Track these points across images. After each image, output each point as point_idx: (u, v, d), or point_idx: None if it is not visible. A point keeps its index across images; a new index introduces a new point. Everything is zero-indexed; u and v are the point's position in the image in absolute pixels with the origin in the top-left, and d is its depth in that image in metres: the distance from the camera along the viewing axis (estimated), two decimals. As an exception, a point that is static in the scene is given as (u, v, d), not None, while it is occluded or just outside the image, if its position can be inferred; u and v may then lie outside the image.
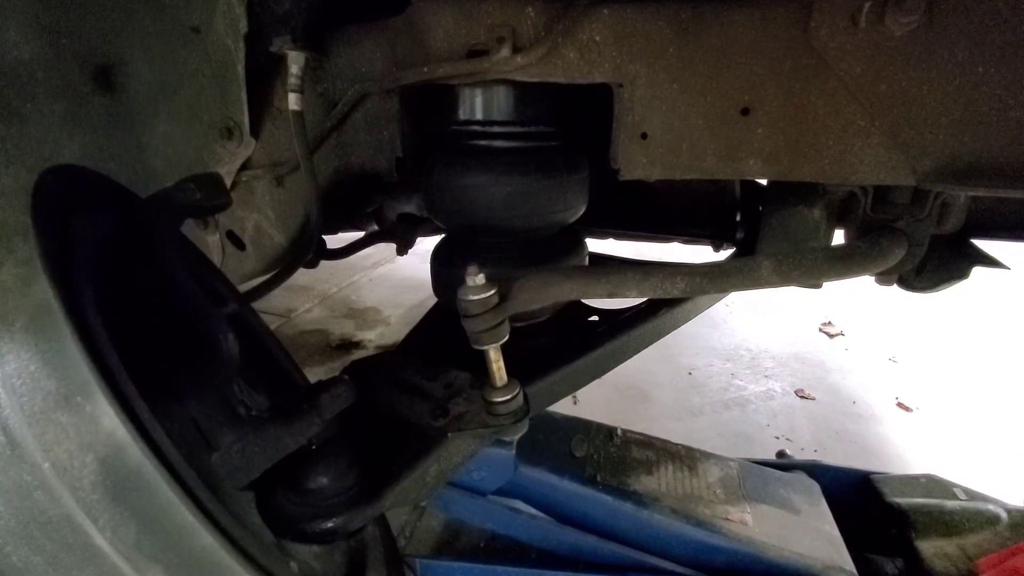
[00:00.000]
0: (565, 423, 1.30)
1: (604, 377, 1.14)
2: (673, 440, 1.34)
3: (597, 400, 2.22)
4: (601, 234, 1.59)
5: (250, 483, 0.68)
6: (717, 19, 0.83)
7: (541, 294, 0.81)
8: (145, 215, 0.68)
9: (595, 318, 1.29)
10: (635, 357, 1.16)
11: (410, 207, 1.36)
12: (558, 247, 1.15)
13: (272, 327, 1.20)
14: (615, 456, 1.23)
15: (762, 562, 1.07)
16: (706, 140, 0.90)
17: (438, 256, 1.18)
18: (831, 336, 2.90)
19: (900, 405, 2.31)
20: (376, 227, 1.35)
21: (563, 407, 1.27)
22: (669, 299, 1.15)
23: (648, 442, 1.31)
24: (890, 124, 0.80)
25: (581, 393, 2.13)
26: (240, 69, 0.92)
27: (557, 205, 1.05)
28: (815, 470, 1.39)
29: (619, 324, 1.15)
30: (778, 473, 1.31)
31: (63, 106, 0.64)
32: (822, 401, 2.32)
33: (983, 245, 1.05)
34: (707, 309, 1.30)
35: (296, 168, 1.03)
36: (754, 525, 1.13)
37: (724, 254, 1.43)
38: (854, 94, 0.80)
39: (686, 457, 1.29)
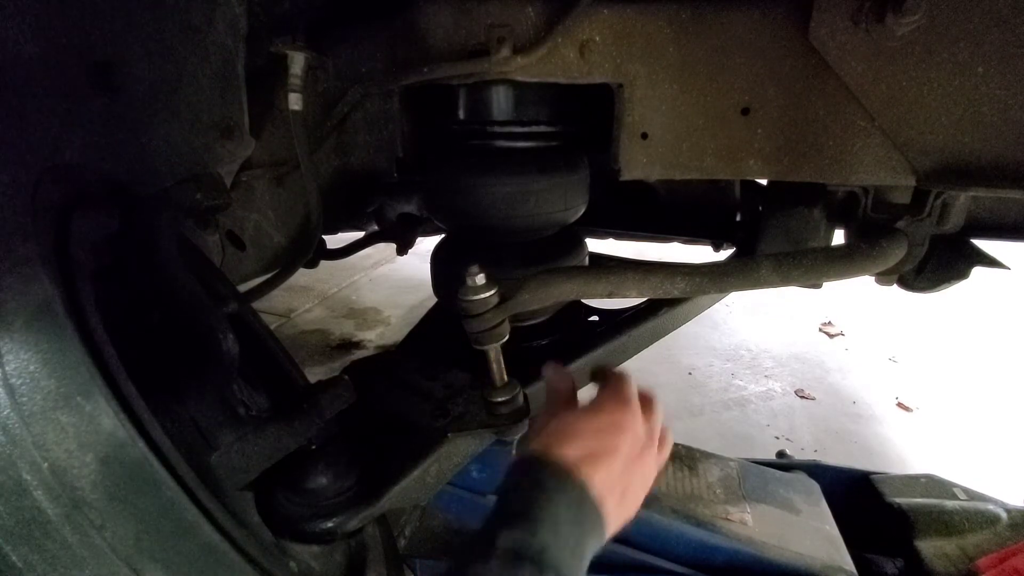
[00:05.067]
0: (565, 423, 1.29)
1: (604, 377, 1.14)
2: (673, 440, 1.33)
3: (597, 400, 2.21)
4: (601, 234, 1.59)
5: (250, 483, 0.68)
6: (717, 19, 0.83)
7: (541, 294, 0.81)
8: (145, 215, 0.68)
9: (595, 318, 1.29)
10: (635, 357, 1.16)
11: (410, 207, 1.35)
12: (558, 247, 1.15)
13: (272, 327, 1.20)
14: (615, 456, 1.23)
15: (762, 562, 1.07)
16: (706, 140, 0.90)
17: (438, 256, 1.18)
18: (831, 336, 2.90)
19: (900, 405, 2.31)
20: (376, 227, 1.35)
21: (563, 407, 1.27)
22: (669, 299, 1.15)
23: (648, 442, 1.30)
24: (890, 124, 0.80)
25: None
26: (240, 69, 0.92)
27: (557, 205, 1.04)
28: (815, 470, 1.39)
29: (619, 324, 1.15)
30: (778, 473, 1.31)
31: (63, 106, 0.64)
32: (822, 401, 2.32)
33: (983, 245, 1.05)
34: (707, 309, 1.30)
35: (296, 168, 1.03)
36: (754, 525, 1.13)
37: (724, 254, 1.43)
38: (854, 94, 0.80)
39: (686, 457, 1.29)
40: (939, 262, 1.03)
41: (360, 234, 1.41)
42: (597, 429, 0.63)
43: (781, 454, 1.62)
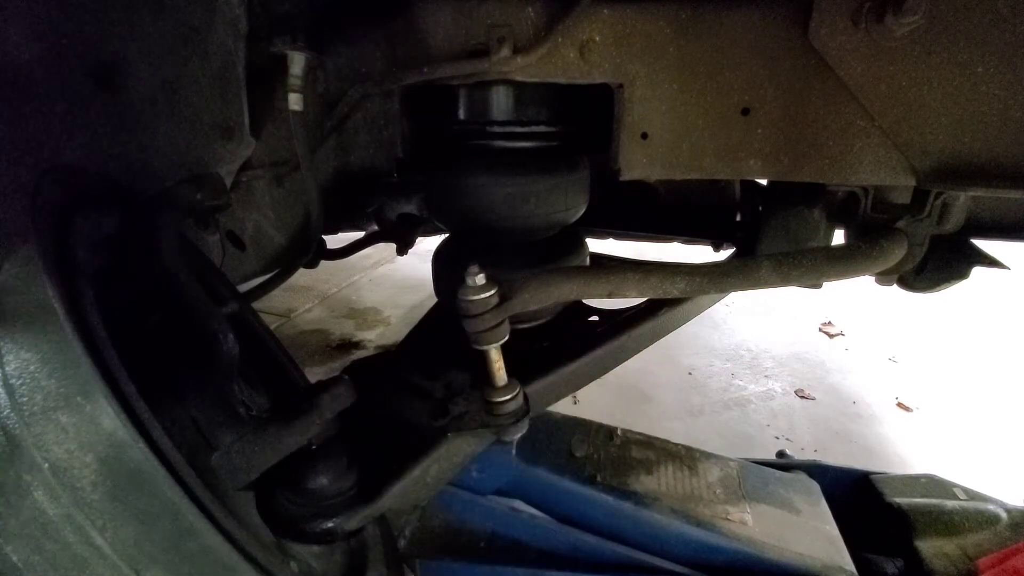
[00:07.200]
0: (565, 423, 1.30)
1: (604, 377, 1.14)
2: (673, 440, 1.34)
3: (597, 400, 2.22)
4: (601, 234, 1.59)
5: (250, 483, 0.68)
6: (717, 19, 0.83)
7: (541, 294, 0.81)
8: (145, 215, 0.68)
9: (595, 318, 1.28)
10: (635, 357, 1.16)
11: (410, 207, 1.35)
12: (559, 247, 1.15)
13: (272, 327, 1.20)
14: (615, 456, 1.23)
15: (762, 562, 1.07)
16: (706, 140, 0.90)
17: (440, 256, 1.18)
18: (831, 336, 2.89)
19: (900, 405, 2.31)
20: (376, 227, 1.35)
21: (563, 407, 1.27)
22: (669, 299, 1.15)
23: (648, 442, 1.31)
24: (890, 124, 0.80)
25: (581, 393, 2.13)
26: (240, 69, 0.92)
27: (557, 205, 1.04)
28: (815, 470, 1.39)
29: (619, 324, 1.15)
30: (778, 473, 1.31)
31: (63, 106, 0.64)
32: (822, 401, 2.32)
33: (983, 245, 1.05)
34: (707, 309, 1.30)
35: (296, 168, 1.03)
36: (754, 525, 1.13)
37: (724, 254, 1.43)
38: (854, 94, 0.80)
39: (686, 457, 1.29)
40: (939, 262, 1.03)
41: (360, 234, 1.42)
42: None
43: (781, 454, 1.62)
